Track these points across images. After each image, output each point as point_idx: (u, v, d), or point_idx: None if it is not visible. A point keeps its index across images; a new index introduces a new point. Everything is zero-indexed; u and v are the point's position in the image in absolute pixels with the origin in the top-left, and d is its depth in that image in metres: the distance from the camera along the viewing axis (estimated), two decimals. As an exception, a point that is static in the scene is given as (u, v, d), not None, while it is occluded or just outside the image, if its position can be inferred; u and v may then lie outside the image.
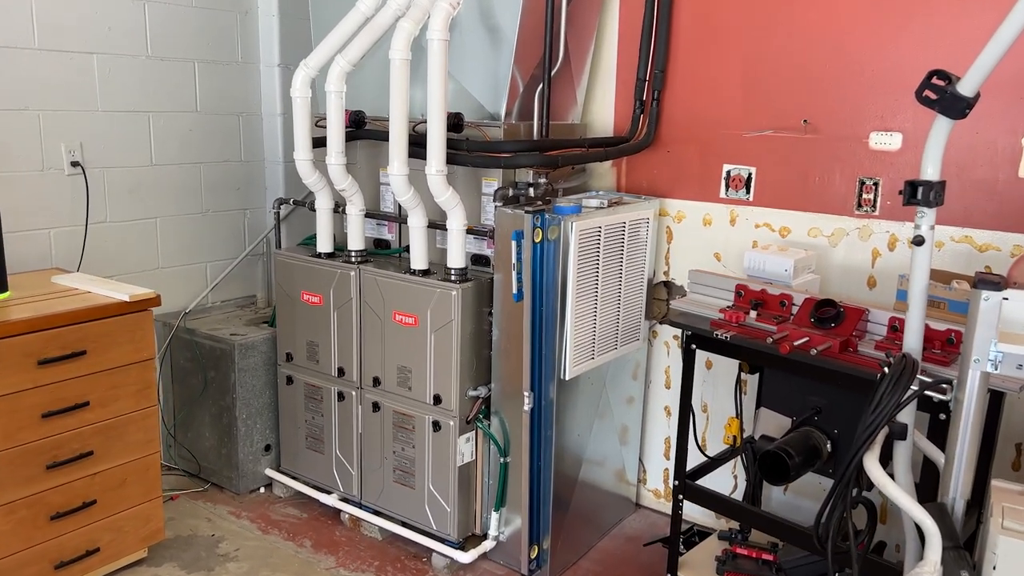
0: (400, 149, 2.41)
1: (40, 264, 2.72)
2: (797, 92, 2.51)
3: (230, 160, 3.28)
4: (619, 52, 2.85)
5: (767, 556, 2.32)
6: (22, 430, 2.14)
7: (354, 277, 2.68)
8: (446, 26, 2.30)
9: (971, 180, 2.28)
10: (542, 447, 2.52)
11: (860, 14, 2.37)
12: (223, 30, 3.17)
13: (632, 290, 2.68)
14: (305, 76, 2.63)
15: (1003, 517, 1.40)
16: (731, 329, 2.10)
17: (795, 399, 2.14)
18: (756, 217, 2.65)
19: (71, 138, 2.76)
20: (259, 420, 3.02)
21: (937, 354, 1.83)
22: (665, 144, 2.80)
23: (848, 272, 2.50)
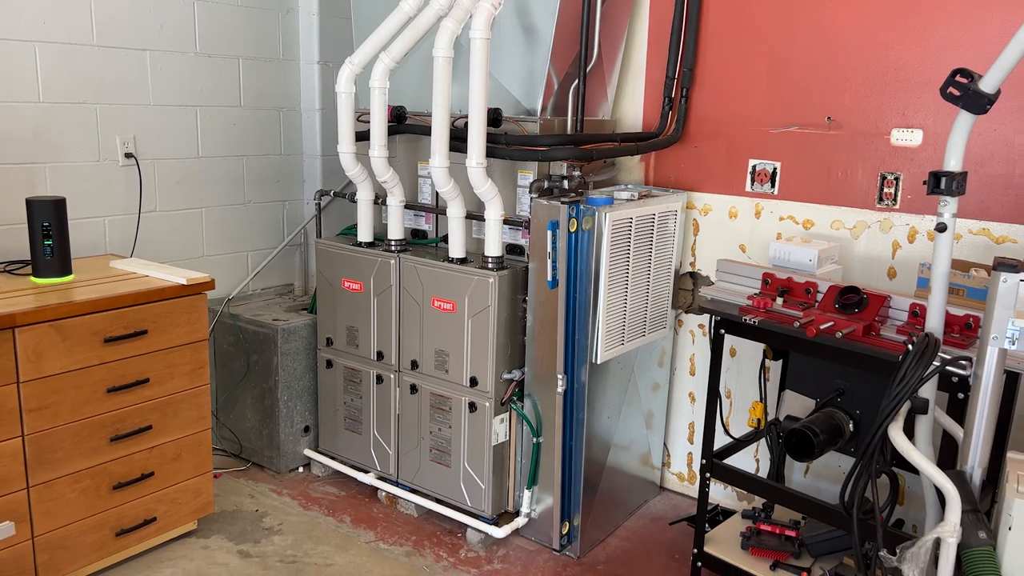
0: (442, 143, 2.53)
1: (95, 250, 2.86)
2: (821, 90, 2.62)
3: (270, 153, 3.41)
4: (649, 50, 2.96)
5: (790, 532, 2.43)
6: (89, 403, 2.28)
7: (394, 265, 2.81)
8: (488, 26, 2.42)
9: (989, 175, 2.38)
10: (574, 428, 2.64)
11: (884, 14, 2.48)
12: (266, 28, 3.30)
13: (660, 280, 2.80)
14: (350, 73, 2.75)
15: (1018, 483, 1.51)
16: (759, 315, 2.21)
17: (819, 381, 2.26)
18: (781, 210, 2.76)
19: (125, 131, 2.90)
20: (299, 402, 3.16)
21: (956, 338, 1.94)
22: (693, 140, 2.91)
23: (869, 263, 2.60)
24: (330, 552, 2.67)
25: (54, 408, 2.20)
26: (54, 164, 2.72)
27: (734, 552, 2.45)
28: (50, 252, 2.40)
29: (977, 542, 1.47)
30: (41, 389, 2.16)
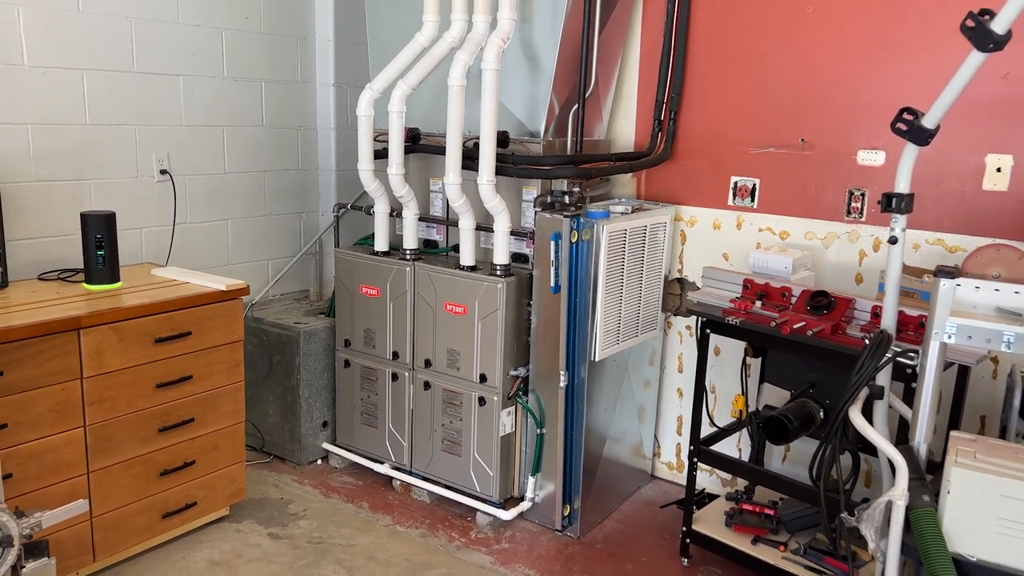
0: (455, 162, 2.81)
1: (134, 259, 3.10)
2: (797, 115, 2.92)
3: (289, 169, 3.68)
4: (640, 77, 3.26)
5: (768, 511, 2.71)
6: (141, 397, 2.53)
7: (409, 272, 3.08)
8: (498, 58, 2.70)
9: (944, 191, 2.69)
10: (574, 420, 2.91)
11: (853, 49, 2.78)
12: (286, 53, 3.56)
13: (651, 285, 3.08)
14: (369, 97, 3.02)
15: (956, 455, 1.80)
16: (740, 316, 2.50)
17: (793, 375, 2.55)
18: (760, 222, 3.06)
19: (160, 149, 3.15)
20: (318, 399, 3.41)
21: (912, 335, 2.24)
22: (680, 158, 3.21)
23: (839, 270, 2.90)
24: (352, 534, 2.93)
25: (111, 401, 2.45)
26: (98, 180, 2.97)
27: (719, 529, 2.74)
28: (102, 261, 2.65)
29: (921, 504, 1.75)
30: (101, 384, 2.42)
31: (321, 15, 3.64)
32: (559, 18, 2.87)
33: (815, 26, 2.85)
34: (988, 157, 2.60)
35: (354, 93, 3.70)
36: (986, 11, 1.65)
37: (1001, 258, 1.82)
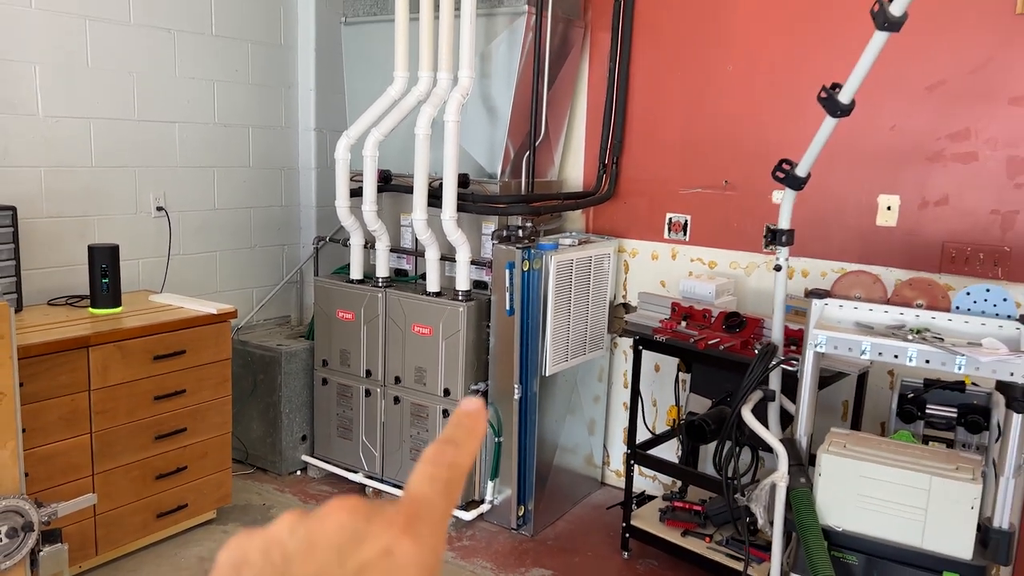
0: (422, 200, 3.19)
1: (132, 286, 3.43)
2: (720, 160, 3.34)
3: (273, 205, 4.04)
4: (587, 126, 3.68)
5: (697, 507, 3.07)
6: (139, 409, 2.86)
7: (381, 298, 3.44)
8: (459, 111, 3.10)
9: (844, 227, 3.10)
10: (527, 429, 3.27)
11: (768, 105, 3.21)
12: (271, 101, 3.95)
13: (597, 309, 3.47)
14: (346, 143, 3.41)
15: (829, 445, 2.18)
16: (666, 334, 2.88)
17: (713, 386, 2.93)
18: (691, 253, 3.46)
19: (157, 188, 3.51)
20: (298, 415, 3.74)
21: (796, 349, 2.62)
22: (622, 197, 3.61)
23: (760, 295, 3.30)
24: (328, 534, 3.24)
25: (114, 411, 2.78)
26: (102, 216, 3.32)
27: (654, 524, 3.09)
28: (106, 288, 2.99)
29: (798, 485, 2.12)
30: (105, 396, 2.75)
31: (304, 67, 4.04)
32: (513, 75, 3.28)
33: (734, 83, 3.28)
34: (880, 197, 3.02)
35: (333, 137, 4.08)
36: (836, 85, 2.07)
37: (860, 282, 2.21)
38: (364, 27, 3.67)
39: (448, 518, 0.39)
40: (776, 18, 3.17)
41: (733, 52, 3.28)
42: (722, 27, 3.29)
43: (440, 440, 0.42)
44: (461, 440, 0.42)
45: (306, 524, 0.37)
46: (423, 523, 0.37)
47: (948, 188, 2.90)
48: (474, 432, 0.43)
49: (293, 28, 4.00)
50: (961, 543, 1.98)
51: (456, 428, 0.43)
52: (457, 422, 0.44)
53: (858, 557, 2.08)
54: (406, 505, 0.38)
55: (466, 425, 0.43)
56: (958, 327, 2.06)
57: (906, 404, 2.50)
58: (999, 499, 1.98)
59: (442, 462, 0.41)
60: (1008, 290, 2.75)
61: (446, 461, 0.41)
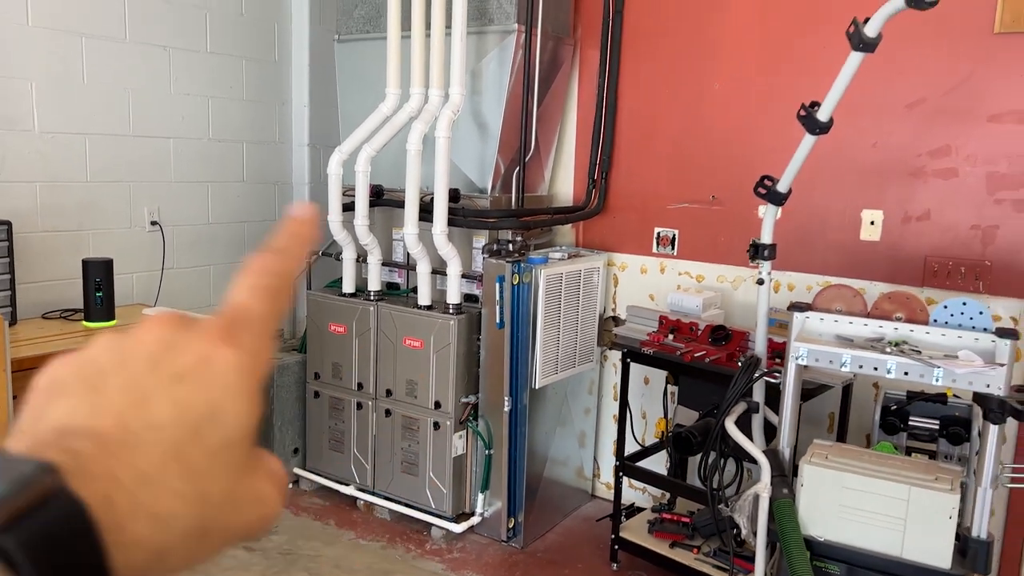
0: (413, 215, 3.23)
1: (125, 300, 3.47)
2: (707, 175, 3.39)
3: (267, 220, 4.08)
4: (577, 142, 3.73)
5: (685, 519, 3.10)
6: (133, 421, 2.88)
7: (373, 311, 3.48)
8: (449, 127, 3.15)
9: (829, 242, 3.15)
10: (517, 441, 3.30)
11: (753, 121, 3.27)
12: (265, 117, 4.00)
13: (587, 322, 3.50)
14: (339, 158, 3.45)
15: (811, 456, 2.21)
16: (654, 347, 2.92)
17: (700, 398, 2.96)
18: (679, 267, 3.50)
19: (152, 203, 3.55)
20: (290, 428, 3.77)
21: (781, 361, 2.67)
22: (612, 211, 3.66)
23: (746, 308, 3.34)
24: (319, 546, 3.26)
25: (107, 423, 2.80)
26: (96, 231, 3.35)
27: (643, 536, 3.12)
28: (100, 302, 3.02)
29: (781, 496, 2.16)
30: (99, 408, 2.77)
31: (298, 84, 4.09)
32: (503, 92, 3.33)
33: (721, 100, 3.34)
34: (863, 212, 3.08)
35: (326, 152, 4.12)
36: (815, 103, 2.12)
37: (840, 295, 2.26)
38: (357, 44, 3.72)
39: (272, 324, 0.39)
40: (762, 38, 3.23)
41: (720, 70, 3.34)
42: (709, 46, 3.35)
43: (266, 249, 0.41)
44: (287, 247, 0.41)
45: (121, 340, 0.36)
46: (243, 330, 0.37)
47: (930, 203, 2.96)
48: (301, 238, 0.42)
49: (287, 45, 4.05)
50: (940, 553, 2.02)
51: (283, 236, 0.42)
52: (285, 229, 0.42)
53: (840, 567, 2.12)
54: (226, 315, 0.38)
55: (294, 231, 0.42)
56: (935, 340, 2.11)
57: (889, 416, 2.54)
58: (977, 509, 2.02)
59: (266, 271, 0.40)
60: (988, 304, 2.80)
61: (270, 270, 0.40)
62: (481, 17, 3.34)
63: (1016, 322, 2.82)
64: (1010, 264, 2.81)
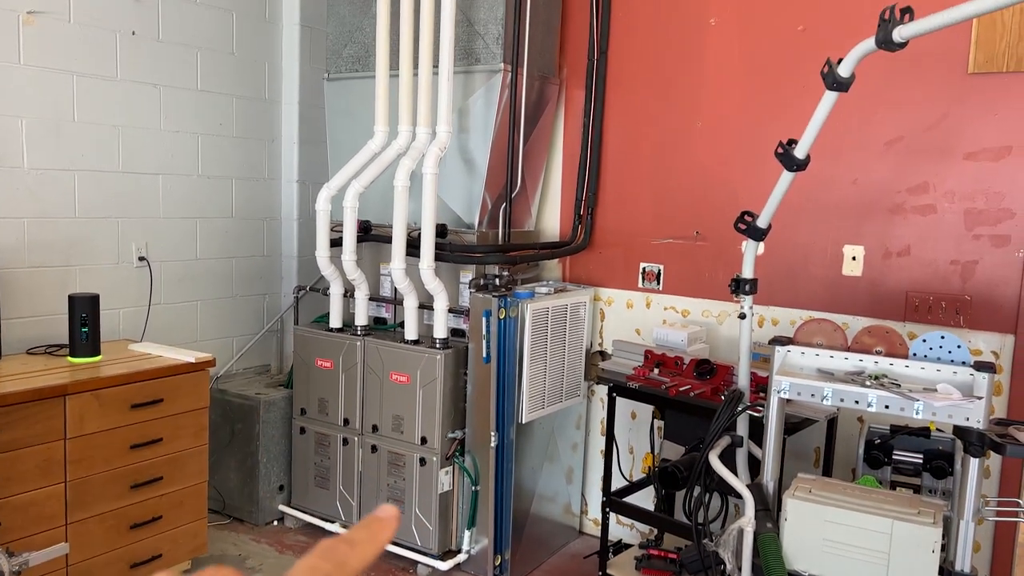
0: (401, 250, 3.25)
1: (112, 335, 3.46)
2: (690, 212, 3.44)
3: (255, 255, 4.10)
4: (563, 178, 3.78)
5: (672, 555, 3.08)
6: (116, 457, 2.86)
7: (360, 346, 3.48)
8: (436, 164, 3.19)
9: (812, 277, 3.19)
10: (504, 477, 3.28)
11: (734, 158, 3.32)
12: (255, 154, 4.04)
13: (574, 356, 3.51)
14: (327, 194, 3.48)
15: (795, 490, 2.22)
16: (639, 381, 2.93)
17: (687, 432, 2.97)
18: (665, 302, 3.53)
19: (140, 239, 3.56)
20: (275, 464, 3.74)
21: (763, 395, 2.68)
22: (598, 247, 3.70)
23: (731, 342, 3.36)
24: (304, 585, 3.22)
25: (90, 460, 2.78)
26: (83, 266, 3.36)
27: (630, 573, 3.09)
28: (85, 337, 3.02)
29: (765, 530, 2.15)
30: (82, 445, 2.75)
31: (287, 121, 4.14)
32: (490, 130, 3.38)
33: (703, 138, 3.40)
34: (845, 247, 3.12)
35: (315, 188, 4.16)
36: (793, 141, 2.17)
37: (821, 329, 2.28)
38: (346, 83, 3.78)
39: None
40: (742, 78, 3.30)
41: (702, 109, 3.40)
42: (691, 86, 3.42)
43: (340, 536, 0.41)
44: (359, 542, 0.42)
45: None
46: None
47: (910, 239, 3.00)
48: (376, 538, 0.42)
49: (278, 83, 4.11)
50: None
51: (360, 529, 0.42)
52: (365, 524, 0.43)
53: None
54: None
55: (372, 529, 0.43)
56: (915, 373, 2.13)
57: (873, 450, 2.55)
58: (959, 543, 2.02)
59: (331, 558, 0.40)
60: (969, 338, 2.83)
61: (336, 558, 0.40)
62: (468, 57, 3.40)
63: (997, 356, 2.85)
64: (989, 298, 2.84)
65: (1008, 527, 2.79)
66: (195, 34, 3.69)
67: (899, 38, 1.84)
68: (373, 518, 0.43)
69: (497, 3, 3.33)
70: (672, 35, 3.46)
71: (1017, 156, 2.79)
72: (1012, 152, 2.80)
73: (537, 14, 3.51)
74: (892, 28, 1.83)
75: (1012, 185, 2.81)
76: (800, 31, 3.16)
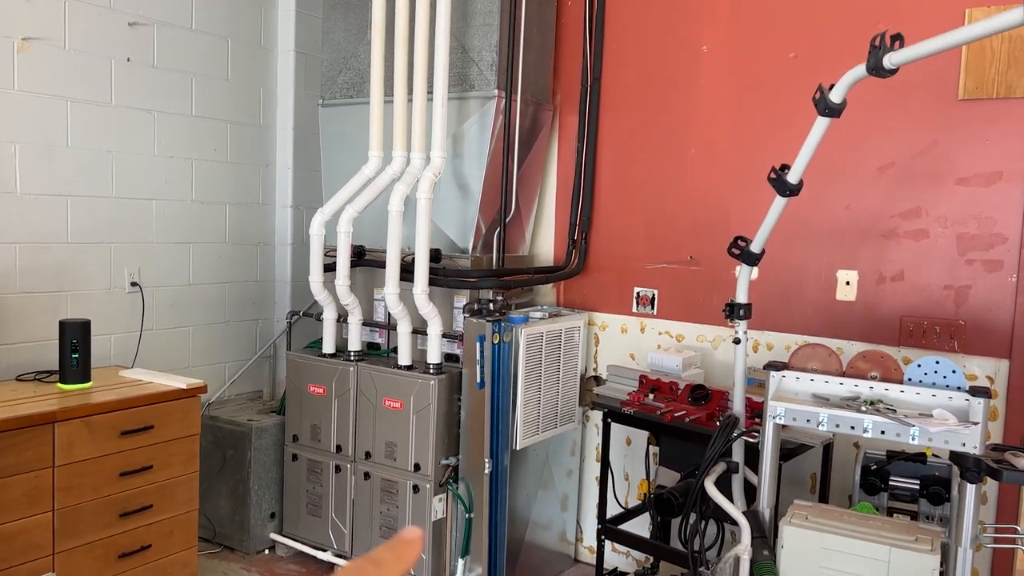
0: (394, 275, 3.24)
1: (103, 361, 3.43)
2: (684, 237, 3.44)
3: (248, 280, 4.08)
4: (557, 203, 3.79)
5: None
6: (105, 485, 2.83)
7: (353, 372, 3.46)
8: (431, 189, 3.19)
9: (806, 301, 3.19)
10: (499, 504, 3.25)
11: (727, 183, 3.34)
12: (249, 179, 4.04)
13: (568, 382, 3.50)
14: (321, 219, 3.48)
15: (792, 517, 2.20)
16: (634, 407, 2.92)
17: (682, 458, 2.94)
18: (659, 327, 3.52)
19: (132, 264, 3.55)
20: (267, 491, 3.70)
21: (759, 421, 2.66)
22: (592, 271, 3.70)
23: (726, 367, 3.35)
24: (295, 615, 3.17)
25: (79, 488, 2.75)
26: (74, 292, 3.34)
27: (626, 601, 3.06)
28: (76, 363, 2.99)
29: (762, 557, 2.13)
30: (70, 472, 2.72)
31: (282, 147, 4.15)
32: (484, 155, 3.39)
33: (696, 163, 3.41)
34: (839, 272, 3.12)
35: (309, 213, 4.16)
36: (785, 166, 2.17)
37: (816, 354, 2.27)
38: (341, 109, 3.79)
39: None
40: (735, 103, 3.33)
41: (695, 134, 3.42)
42: (684, 112, 3.44)
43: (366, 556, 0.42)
44: (386, 562, 0.42)
45: None
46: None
47: (903, 264, 3.00)
48: (402, 559, 0.43)
49: (272, 109, 4.12)
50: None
51: (386, 550, 0.43)
52: (391, 545, 0.43)
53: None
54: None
55: (398, 550, 0.43)
56: (910, 398, 2.12)
57: (869, 476, 2.53)
58: (957, 570, 2.00)
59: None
60: (963, 362, 2.83)
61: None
62: (462, 83, 3.42)
63: (992, 380, 2.84)
64: (983, 323, 2.85)
65: (1006, 554, 2.76)
66: (190, 60, 3.71)
67: (890, 65, 1.85)
68: (399, 539, 0.43)
69: (491, 30, 3.36)
70: (665, 61, 3.49)
71: (1008, 181, 2.81)
72: (1003, 177, 2.82)
73: (531, 41, 3.54)
74: (883, 55, 1.85)
75: (1003, 210, 2.82)
76: (792, 58, 3.19)
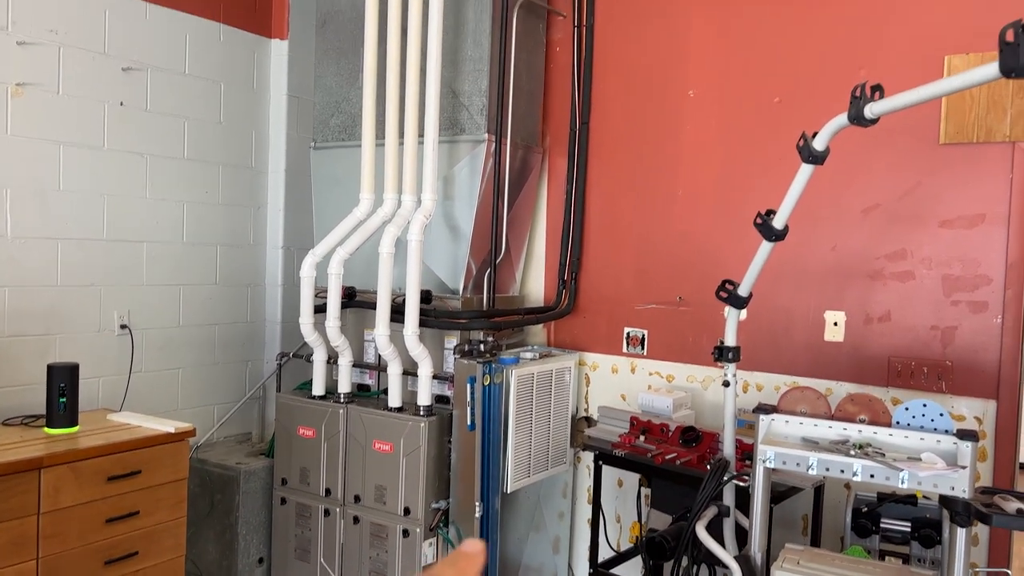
0: (385, 316, 3.25)
1: (91, 405, 3.41)
2: (673, 278, 3.47)
3: (238, 321, 4.08)
4: (547, 244, 3.82)
5: (662, 628, 3.01)
6: (91, 532, 2.79)
7: (343, 414, 3.44)
8: (422, 231, 3.21)
9: (794, 342, 3.21)
10: (490, 548, 3.22)
11: (715, 225, 3.38)
12: (240, 221, 4.05)
13: (559, 422, 3.49)
14: (312, 261, 3.49)
15: (783, 561, 2.19)
16: (625, 448, 2.91)
17: (674, 501, 2.93)
18: (649, 367, 3.53)
19: (122, 307, 3.54)
20: (255, 536, 3.65)
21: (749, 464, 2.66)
22: (582, 312, 3.71)
23: (716, 408, 3.36)
24: (282, 664, 3.11)
25: (64, 535, 2.71)
26: (63, 335, 3.33)
27: (619, 647, 3.02)
28: (63, 408, 2.97)
29: (755, 603, 2.12)
30: (56, 519, 2.68)
31: (273, 189, 4.17)
32: (474, 197, 3.43)
33: (684, 205, 3.46)
34: (826, 313, 3.15)
35: (300, 255, 4.17)
36: (771, 211, 2.21)
37: (805, 397, 2.29)
38: (332, 151, 3.83)
39: None
40: (721, 147, 3.38)
41: (682, 177, 3.47)
42: (671, 155, 3.49)
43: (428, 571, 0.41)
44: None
45: None
46: None
47: (890, 305, 3.03)
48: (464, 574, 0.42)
49: (264, 152, 4.15)
50: (917, 662, 1.98)
51: (447, 565, 0.42)
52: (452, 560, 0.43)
53: None
54: None
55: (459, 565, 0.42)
56: (899, 442, 2.13)
57: (860, 518, 2.53)
58: (950, 615, 1.99)
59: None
60: (951, 403, 2.85)
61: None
62: (453, 127, 3.47)
63: (980, 421, 2.85)
64: (970, 364, 2.87)
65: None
66: (183, 104, 3.74)
67: (870, 115, 1.90)
68: (460, 553, 0.43)
69: (481, 75, 3.41)
70: (652, 106, 3.55)
71: (990, 224, 2.86)
72: (985, 220, 2.86)
73: (520, 86, 3.59)
74: (863, 105, 1.89)
75: (987, 252, 2.86)
76: (776, 102, 3.25)
